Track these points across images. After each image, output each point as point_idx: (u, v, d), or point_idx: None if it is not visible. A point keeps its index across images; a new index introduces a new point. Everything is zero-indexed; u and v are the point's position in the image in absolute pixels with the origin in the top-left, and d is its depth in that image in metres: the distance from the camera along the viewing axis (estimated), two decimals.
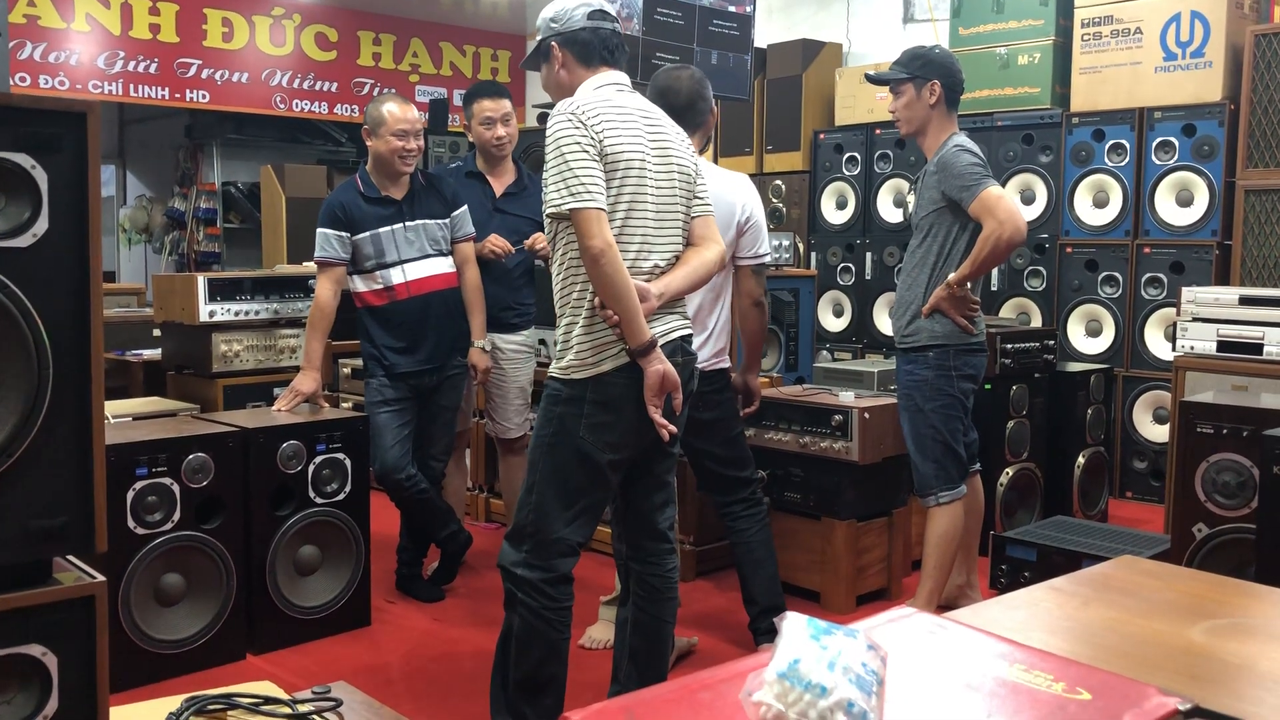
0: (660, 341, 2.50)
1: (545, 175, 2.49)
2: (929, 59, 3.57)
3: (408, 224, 3.87)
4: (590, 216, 2.40)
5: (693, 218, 2.68)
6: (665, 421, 2.50)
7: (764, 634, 3.47)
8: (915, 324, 3.51)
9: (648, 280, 2.52)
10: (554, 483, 2.54)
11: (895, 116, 3.63)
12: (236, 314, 4.59)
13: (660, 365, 2.46)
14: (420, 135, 3.90)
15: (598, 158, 2.45)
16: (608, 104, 2.53)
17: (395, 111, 3.87)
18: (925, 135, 3.59)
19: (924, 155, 3.64)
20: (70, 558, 1.79)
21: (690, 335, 2.67)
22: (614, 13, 2.71)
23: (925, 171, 3.59)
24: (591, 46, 2.64)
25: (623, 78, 2.67)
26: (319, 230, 3.84)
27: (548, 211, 2.49)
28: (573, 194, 2.41)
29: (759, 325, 3.50)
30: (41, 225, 1.62)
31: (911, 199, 6.06)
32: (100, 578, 1.73)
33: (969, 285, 3.45)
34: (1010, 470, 4.58)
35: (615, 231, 2.46)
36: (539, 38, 2.71)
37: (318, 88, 9.09)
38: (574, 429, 2.51)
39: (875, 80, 3.72)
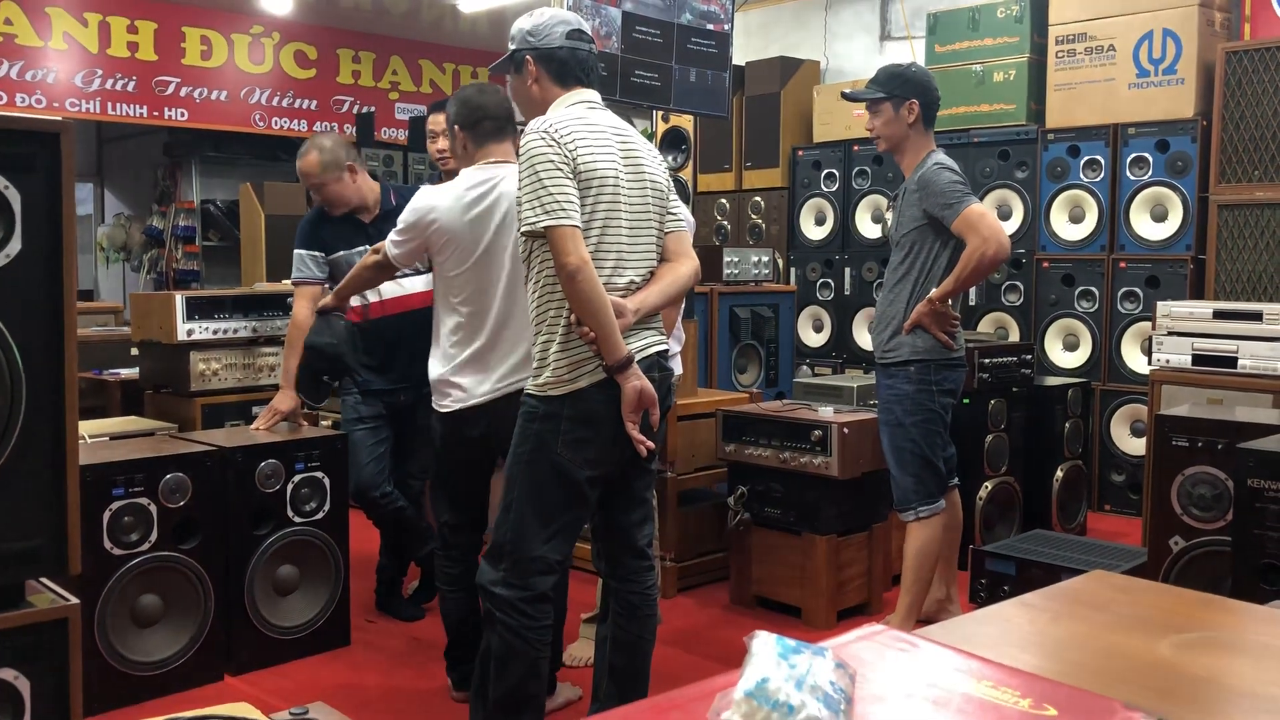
0: (637, 357, 2.50)
1: (519, 194, 2.49)
2: (907, 77, 3.58)
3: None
4: (566, 234, 2.41)
5: (666, 233, 2.69)
6: (643, 437, 2.51)
7: None
8: (896, 339, 3.52)
9: (623, 296, 2.53)
10: (532, 500, 2.54)
11: (874, 134, 3.65)
12: (215, 332, 4.56)
13: (638, 381, 2.47)
14: (323, 185, 3.81)
15: (571, 175, 2.46)
16: (580, 121, 2.54)
17: (298, 168, 3.86)
18: (904, 153, 3.61)
19: (902, 171, 3.66)
20: (44, 580, 1.78)
21: (666, 350, 2.68)
22: (590, 32, 2.72)
23: (905, 189, 3.60)
24: (568, 66, 2.64)
25: (594, 95, 2.67)
26: (295, 251, 3.86)
27: (522, 230, 2.48)
28: (547, 212, 2.42)
29: None
30: (14, 245, 1.62)
31: (890, 216, 6.08)
32: (73, 600, 1.72)
33: (950, 301, 3.47)
34: (989, 484, 4.60)
35: (590, 248, 2.46)
36: (513, 48, 2.70)
37: (297, 105, 9.09)
38: (551, 445, 2.50)
39: (852, 98, 3.75)
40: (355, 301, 3.84)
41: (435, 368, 3.08)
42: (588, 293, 2.40)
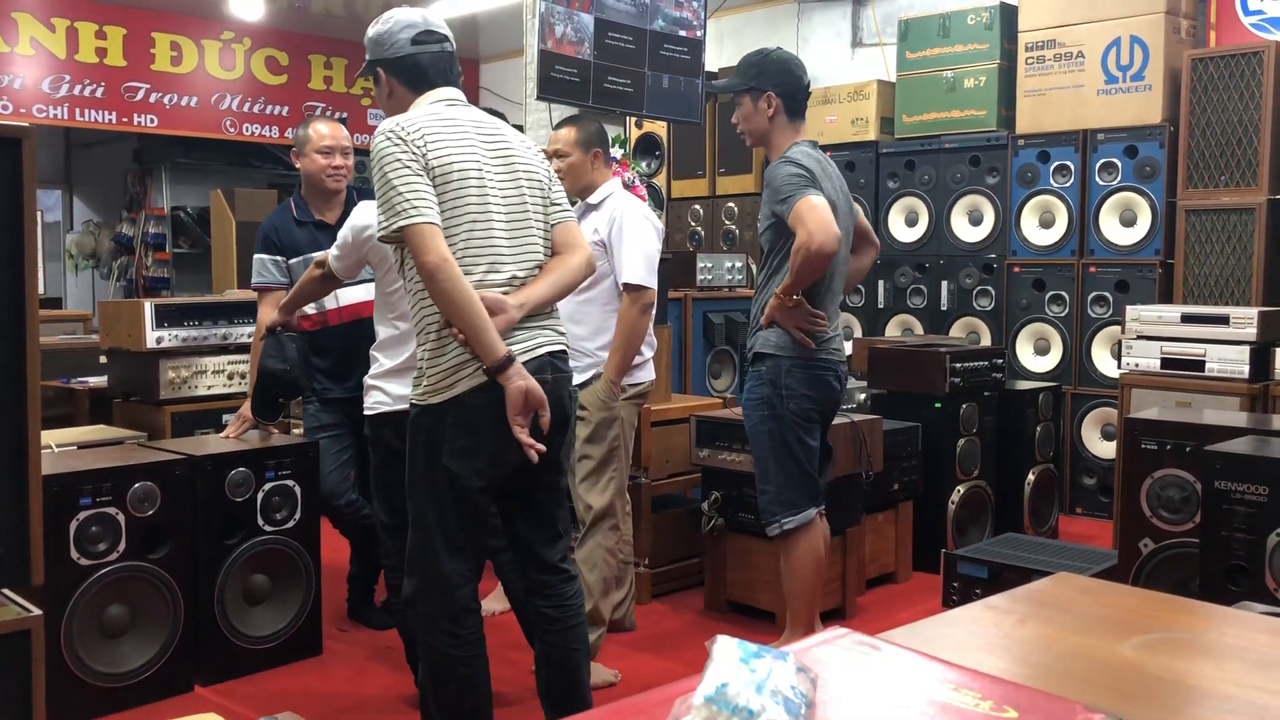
0: (524, 358, 2.38)
1: (376, 200, 2.40)
2: (764, 67, 3.36)
3: None
4: (422, 231, 2.30)
5: (552, 225, 2.57)
6: (532, 441, 2.36)
7: None
8: (759, 334, 3.36)
9: (505, 294, 2.41)
10: (432, 514, 2.43)
11: (739, 130, 3.47)
12: (184, 340, 4.53)
13: (521, 381, 2.32)
14: (348, 153, 3.89)
15: (423, 172, 2.36)
16: (435, 117, 2.44)
17: (320, 130, 3.88)
18: (770, 146, 3.41)
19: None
20: (6, 591, 1.75)
21: (563, 351, 2.53)
22: (442, 30, 2.58)
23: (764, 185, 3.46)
24: (419, 70, 2.54)
25: (455, 93, 2.56)
26: (255, 256, 3.82)
27: (379, 236, 2.38)
28: (398, 212, 2.32)
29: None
30: None
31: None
32: (36, 611, 1.70)
33: (800, 296, 3.24)
34: (961, 488, 4.63)
35: (460, 246, 2.37)
36: (367, 56, 2.62)
37: (268, 111, 9.04)
38: (438, 456, 2.39)
39: (713, 90, 3.61)
40: (310, 310, 3.79)
41: (369, 372, 3.12)
42: (450, 290, 2.29)
